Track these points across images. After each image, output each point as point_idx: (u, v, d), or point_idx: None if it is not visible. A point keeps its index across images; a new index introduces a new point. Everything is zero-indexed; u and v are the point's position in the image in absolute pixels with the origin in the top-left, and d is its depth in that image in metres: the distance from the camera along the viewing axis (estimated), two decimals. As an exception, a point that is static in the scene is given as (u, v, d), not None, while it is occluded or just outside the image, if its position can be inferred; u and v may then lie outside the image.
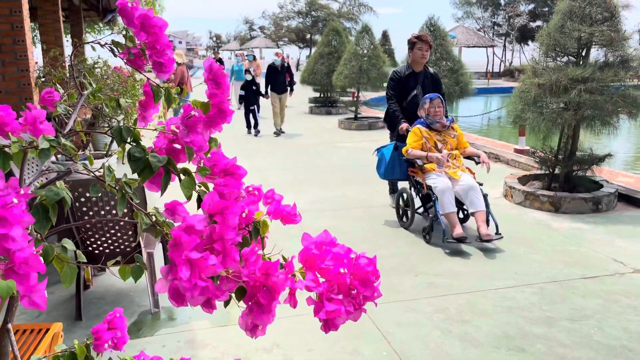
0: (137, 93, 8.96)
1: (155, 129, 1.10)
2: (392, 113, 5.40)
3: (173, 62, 1.07)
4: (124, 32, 1.09)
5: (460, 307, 3.50)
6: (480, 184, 4.72)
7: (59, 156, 5.09)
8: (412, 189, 5.10)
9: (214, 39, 70.94)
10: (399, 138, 5.23)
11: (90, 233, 3.45)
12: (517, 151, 8.35)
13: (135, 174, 1.04)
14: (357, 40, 12.24)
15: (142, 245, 3.68)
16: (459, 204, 4.84)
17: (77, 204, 3.35)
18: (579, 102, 5.28)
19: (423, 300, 3.59)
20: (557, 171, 5.95)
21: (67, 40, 11.12)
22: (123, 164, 1.24)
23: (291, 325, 3.17)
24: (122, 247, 3.53)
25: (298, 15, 41.69)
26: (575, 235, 4.86)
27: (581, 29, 5.44)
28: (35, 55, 6.06)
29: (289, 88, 11.77)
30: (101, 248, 3.46)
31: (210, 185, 1.10)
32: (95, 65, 4.59)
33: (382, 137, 10.77)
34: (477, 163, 4.93)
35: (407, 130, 5.02)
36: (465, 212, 5.05)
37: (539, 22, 35.07)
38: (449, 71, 8.57)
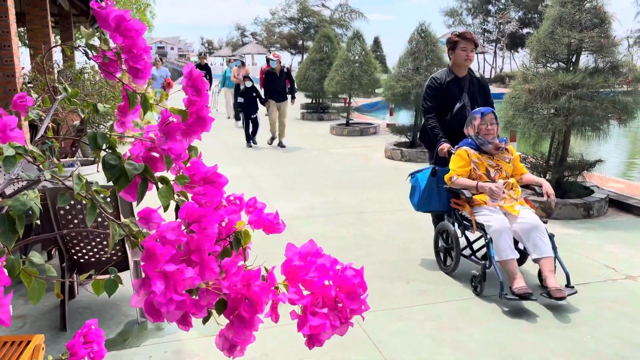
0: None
1: (132, 136, 1.05)
2: (430, 130, 4.31)
3: (150, 68, 1.03)
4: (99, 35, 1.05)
5: (452, 314, 3.46)
6: (545, 221, 3.79)
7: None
8: (457, 225, 4.14)
9: (206, 45, 70.91)
10: (438, 161, 4.30)
11: (75, 242, 3.38)
12: (508, 157, 8.36)
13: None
14: (349, 47, 12.25)
15: (129, 253, 3.61)
16: (515, 242, 3.83)
17: (61, 212, 3.28)
18: (569, 108, 5.29)
19: (415, 308, 3.55)
20: (548, 177, 5.94)
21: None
22: (98, 171, 1.18)
23: (281, 335, 3.12)
24: (108, 255, 3.46)
25: (290, 22, 41.75)
26: (567, 241, 4.85)
27: (571, 35, 5.46)
28: (22, 60, 5.99)
29: (289, 96, 10.55)
30: (87, 257, 3.39)
31: (191, 195, 1.06)
32: (83, 71, 4.54)
33: (374, 142, 10.78)
34: (538, 194, 3.98)
35: (450, 153, 4.08)
36: (522, 251, 4.01)
37: (528, 29, 35.37)
38: (440, 77, 8.58)
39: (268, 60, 15.32)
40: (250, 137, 10.48)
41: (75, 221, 3.28)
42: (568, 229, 5.18)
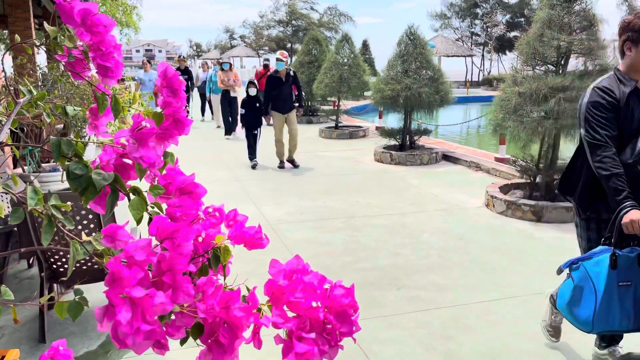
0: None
1: (100, 142, 0.96)
2: (605, 179, 2.46)
3: (121, 67, 0.94)
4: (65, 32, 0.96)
5: (444, 322, 3.39)
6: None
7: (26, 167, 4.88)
8: None
9: (195, 47, 70.56)
10: (623, 238, 2.46)
11: (54, 250, 3.26)
12: (497, 160, 8.34)
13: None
14: (337, 49, 12.20)
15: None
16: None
17: (40, 219, 3.16)
18: (559, 111, 5.26)
19: (406, 316, 3.47)
20: (538, 180, 5.92)
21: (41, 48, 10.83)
22: (62, 181, 1.09)
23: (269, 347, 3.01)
24: (89, 264, 3.35)
25: (279, 25, 41.71)
26: (558, 245, 4.81)
27: (560, 37, 5.43)
28: (5, 63, 5.83)
29: (296, 105, 8.69)
30: (67, 265, 3.27)
31: (170, 207, 0.97)
32: (63, 73, 4.42)
33: (363, 145, 10.71)
34: None
35: None
36: None
37: (516, 32, 35.61)
38: (429, 80, 8.54)
39: (266, 63, 13.53)
40: (253, 152, 8.54)
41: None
42: (559, 233, 5.15)
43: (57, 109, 1.17)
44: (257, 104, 8.44)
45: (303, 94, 10.16)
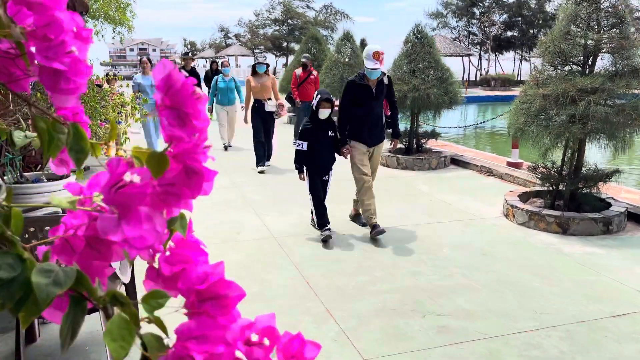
0: (105, 107, 8.16)
1: (45, 205, 0.54)
2: None
3: (89, 70, 0.51)
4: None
5: (481, 358, 2.97)
6: None
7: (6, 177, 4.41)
8: None
9: (189, 46, 69.93)
10: None
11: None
12: (510, 164, 7.94)
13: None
14: (339, 48, 11.77)
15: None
16: None
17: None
18: (588, 115, 4.85)
19: (436, 350, 3.05)
20: (561, 188, 5.51)
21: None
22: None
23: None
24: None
25: (274, 23, 41.30)
26: (591, 261, 4.41)
27: (588, 35, 5.03)
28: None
29: (388, 130, 5.55)
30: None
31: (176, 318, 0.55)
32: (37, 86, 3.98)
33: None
34: None
35: None
36: None
37: (513, 32, 35.34)
38: (437, 80, 8.12)
39: (304, 61, 9.77)
40: (323, 217, 5.06)
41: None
42: (589, 247, 4.74)
43: (1, 134, 0.74)
44: (331, 132, 5.05)
45: (399, 114, 5.97)
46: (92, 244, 0.57)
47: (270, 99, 8.15)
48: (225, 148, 10.20)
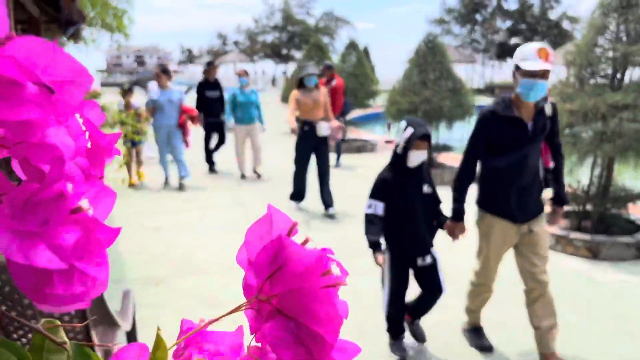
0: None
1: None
2: None
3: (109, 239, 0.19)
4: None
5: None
6: None
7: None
8: None
9: (186, 53, 69.74)
10: None
11: (16, 323, 2.49)
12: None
13: None
14: (344, 58, 11.49)
15: (93, 334, 2.72)
16: None
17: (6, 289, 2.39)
18: (620, 132, 4.55)
19: (474, 405, 2.72)
20: (589, 208, 5.19)
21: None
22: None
23: None
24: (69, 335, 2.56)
25: (274, 30, 41.14)
26: (628, 292, 4.08)
27: (617, 47, 4.73)
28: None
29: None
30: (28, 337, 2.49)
31: None
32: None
33: (373, 161, 9.87)
34: None
35: None
36: None
37: (517, 39, 35.14)
38: (450, 92, 7.83)
39: (328, 65, 9.22)
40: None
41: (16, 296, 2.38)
42: (623, 274, 4.42)
43: None
44: (427, 188, 3.31)
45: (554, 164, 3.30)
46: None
47: (324, 119, 6.05)
48: (242, 176, 8.38)
